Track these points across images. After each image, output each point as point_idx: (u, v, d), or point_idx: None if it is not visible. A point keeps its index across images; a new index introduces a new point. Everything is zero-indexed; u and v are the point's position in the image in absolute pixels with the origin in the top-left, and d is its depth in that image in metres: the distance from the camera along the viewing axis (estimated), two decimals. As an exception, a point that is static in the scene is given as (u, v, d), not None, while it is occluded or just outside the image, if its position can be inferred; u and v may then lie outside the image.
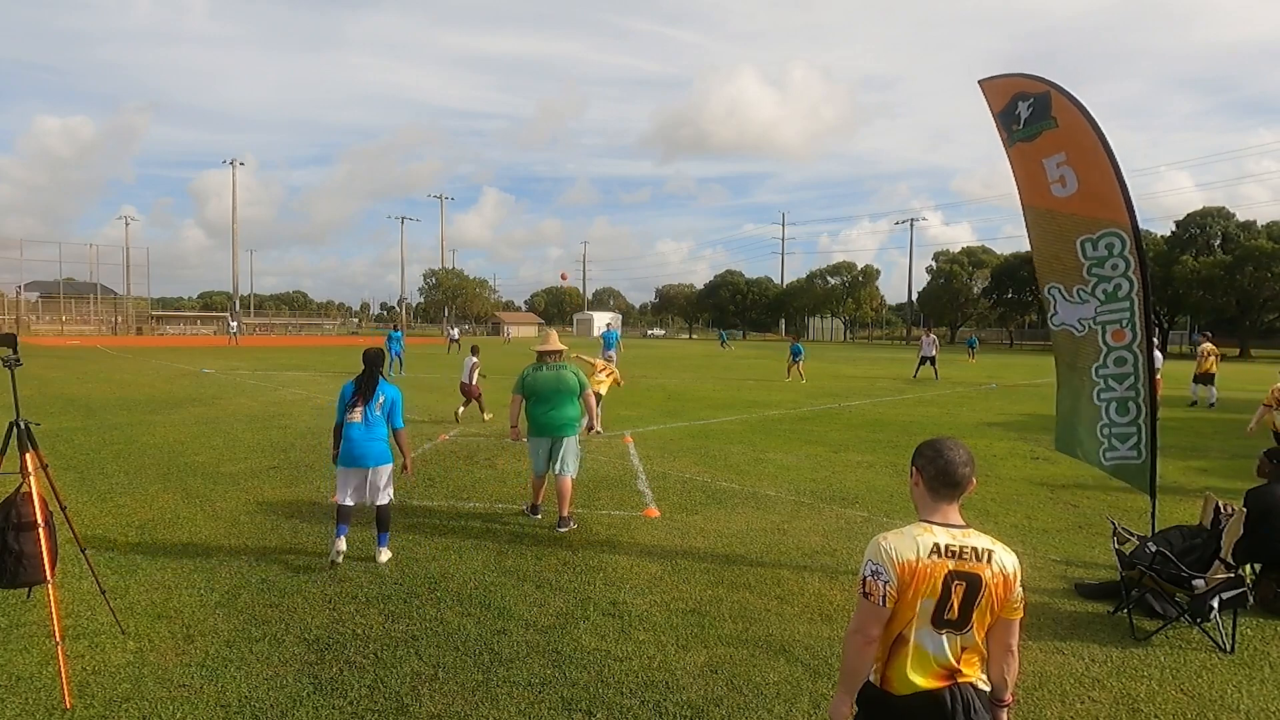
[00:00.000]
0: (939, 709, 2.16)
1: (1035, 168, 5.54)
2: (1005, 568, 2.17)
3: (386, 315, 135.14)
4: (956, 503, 2.25)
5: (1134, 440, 5.45)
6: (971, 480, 2.25)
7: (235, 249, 73.45)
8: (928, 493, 2.26)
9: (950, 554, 2.15)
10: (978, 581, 2.14)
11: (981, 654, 2.24)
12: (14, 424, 3.95)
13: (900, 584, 2.14)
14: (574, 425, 6.83)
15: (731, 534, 6.63)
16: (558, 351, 6.97)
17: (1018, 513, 7.59)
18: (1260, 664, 4.36)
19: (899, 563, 2.14)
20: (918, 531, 2.19)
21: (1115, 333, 5.41)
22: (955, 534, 2.19)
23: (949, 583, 2.14)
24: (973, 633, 2.19)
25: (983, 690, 2.24)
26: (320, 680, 3.91)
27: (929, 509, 2.26)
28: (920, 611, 2.16)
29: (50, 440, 9.85)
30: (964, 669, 2.20)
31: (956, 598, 2.14)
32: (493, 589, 5.20)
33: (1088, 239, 5.35)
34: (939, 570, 2.13)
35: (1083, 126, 5.25)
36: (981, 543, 2.19)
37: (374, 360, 5.95)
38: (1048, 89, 5.42)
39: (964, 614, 2.16)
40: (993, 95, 5.80)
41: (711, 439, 11.83)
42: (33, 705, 3.61)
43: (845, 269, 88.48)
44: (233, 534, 6.34)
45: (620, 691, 3.87)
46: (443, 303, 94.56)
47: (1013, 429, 13.57)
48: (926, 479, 2.25)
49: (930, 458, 2.24)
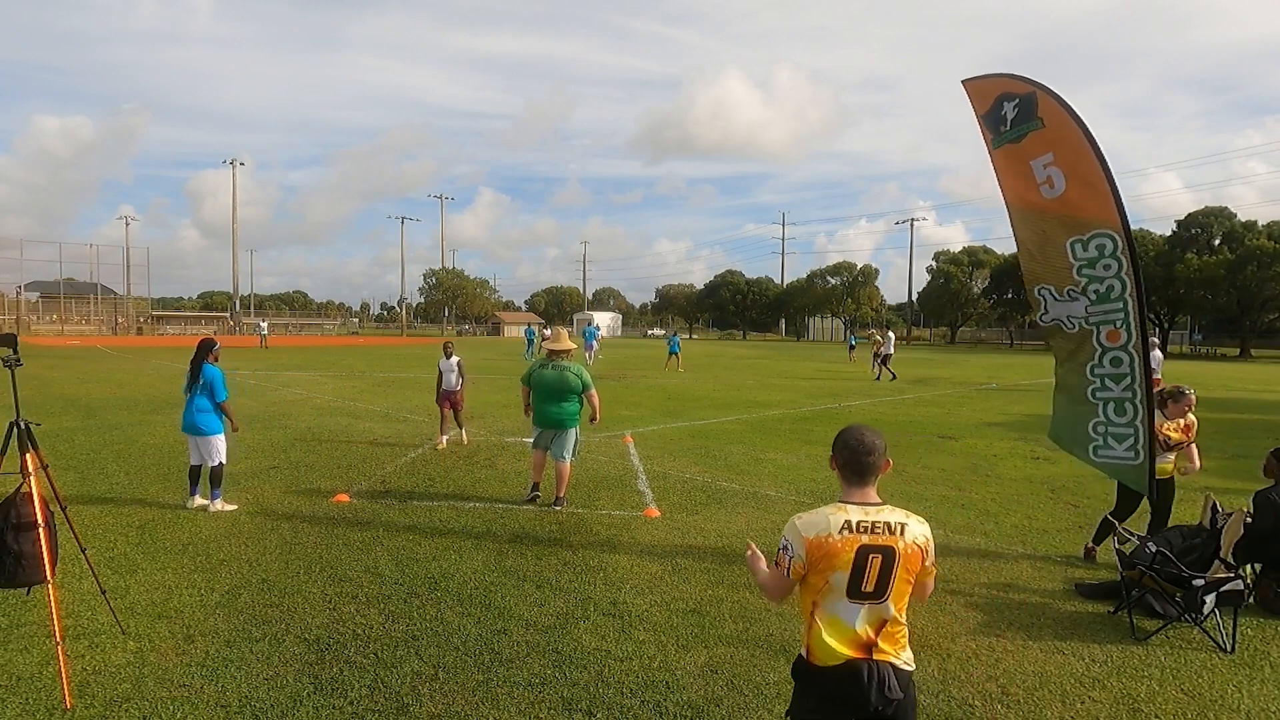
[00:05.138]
0: (856, 680, 2.32)
1: (1023, 169, 5.49)
2: (918, 538, 2.36)
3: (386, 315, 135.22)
4: (871, 484, 2.42)
5: (1131, 441, 5.44)
6: (881, 465, 2.41)
7: (235, 249, 73.56)
8: (842, 477, 2.45)
9: (862, 529, 2.32)
10: (892, 553, 2.32)
11: (900, 633, 2.39)
12: (14, 424, 3.95)
13: (809, 559, 2.34)
14: (574, 419, 7.35)
15: (731, 534, 6.63)
16: (566, 351, 7.45)
17: (1018, 513, 7.59)
18: (1260, 664, 4.36)
19: (808, 540, 2.34)
20: (831, 511, 2.37)
21: (1110, 333, 5.38)
22: (869, 511, 2.36)
23: (863, 556, 2.30)
24: (889, 604, 2.34)
25: (903, 670, 2.37)
26: (320, 680, 3.91)
27: (846, 491, 2.44)
28: (834, 584, 2.33)
29: (50, 440, 9.85)
30: (882, 644, 2.35)
31: (873, 570, 2.31)
32: (493, 589, 5.20)
33: (1078, 240, 5.31)
34: (850, 545, 2.31)
35: (1070, 127, 5.22)
36: (895, 517, 2.36)
37: (203, 348, 7.11)
38: (1033, 89, 5.38)
39: (881, 584, 2.32)
40: (977, 96, 5.74)
41: (711, 439, 11.83)
42: (33, 705, 3.61)
43: (845, 269, 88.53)
44: (233, 534, 6.34)
45: (620, 691, 3.87)
46: (443, 303, 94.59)
47: (1013, 429, 13.56)
48: (839, 465, 2.44)
49: (841, 447, 2.44)
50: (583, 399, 7.39)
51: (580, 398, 7.34)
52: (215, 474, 7.01)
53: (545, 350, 7.57)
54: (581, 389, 7.30)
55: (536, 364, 7.46)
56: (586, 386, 7.34)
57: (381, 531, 6.46)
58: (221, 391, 6.99)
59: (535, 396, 7.34)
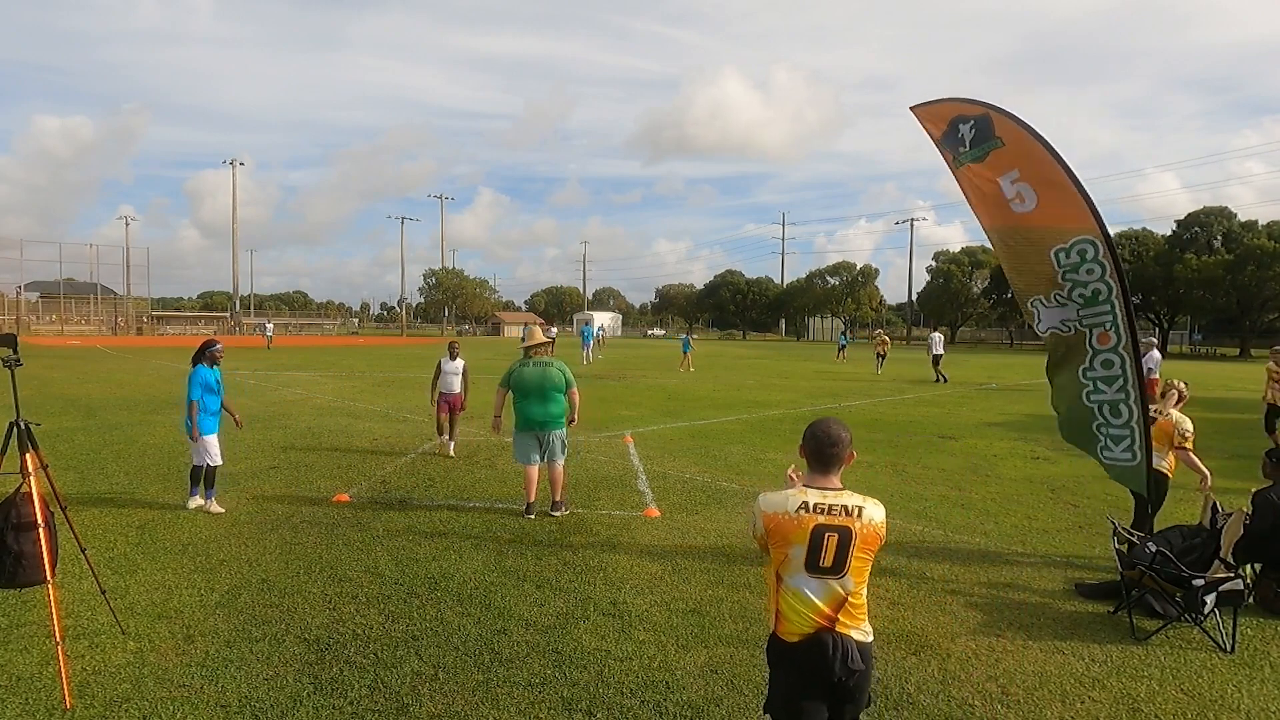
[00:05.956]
0: (821, 652, 2.54)
1: (992, 187, 5.47)
2: (874, 519, 2.58)
3: (386, 315, 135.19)
4: (834, 472, 2.65)
5: (1128, 442, 5.45)
6: (844, 456, 2.65)
7: (235, 249, 73.64)
8: (808, 464, 2.68)
9: (819, 510, 2.55)
10: (848, 533, 2.54)
11: (860, 608, 2.60)
12: (14, 424, 3.95)
13: (767, 530, 2.61)
14: (560, 420, 7.00)
15: (731, 534, 6.63)
16: (543, 345, 7.11)
17: (1018, 513, 7.59)
18: (1260, 664, 4.36)
19: (765, 514, 2.62)
20: (791, 492, 2.63)
21: (1100, 335, 5.40)
22: (828, 494, 2.59)
23: (819, 534, 2.53)
24: (849, 578, 2.56)
25: (863, 643, 2.59)
26: (320, 680, 3.91)
27: (810, 477, 2.67)
28: (792, 557, 2.57)
29: (50, 440, 9.85)
30: (842, 619, 2.56)
31: (829, 547, 2.53)
32: (493, 589, 5.20)
33: (1060, 248, 5.31)
34: (806, 523, 2.54)
35: (1028, 142, 5.22)
36: (852, 501, 2.58)
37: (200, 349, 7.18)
38: (985, 110, 5.39)
39: (838, 561, 2.54)
40: (929, 121, 5.71)
41: (711, 439, 11.83)
42: (33, 705, 3.61)
43: (845, 269, 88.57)
44: (233, 534, 6.34)
45: (620, 691, 3.87)
46: (443, 303, 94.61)
47: (1013, 429, 13.57)
48: (806, 454, 2.67)
49: (809, 438, 2.66)
50: (566, 397, 7.03)
51: (564, 396, 6.99)
52: (208, 475, 7.06)
53: (522, 348, 7.15)
54: (566, 386, 6.97)
55: (516, 364, 7.07)
56: (570, 383, 7.02)
57: (381, 531, 6.46)
58: (192, 391, 6.93)
59: (516, 398, 6.96)
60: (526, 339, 7.27)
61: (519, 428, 6.98)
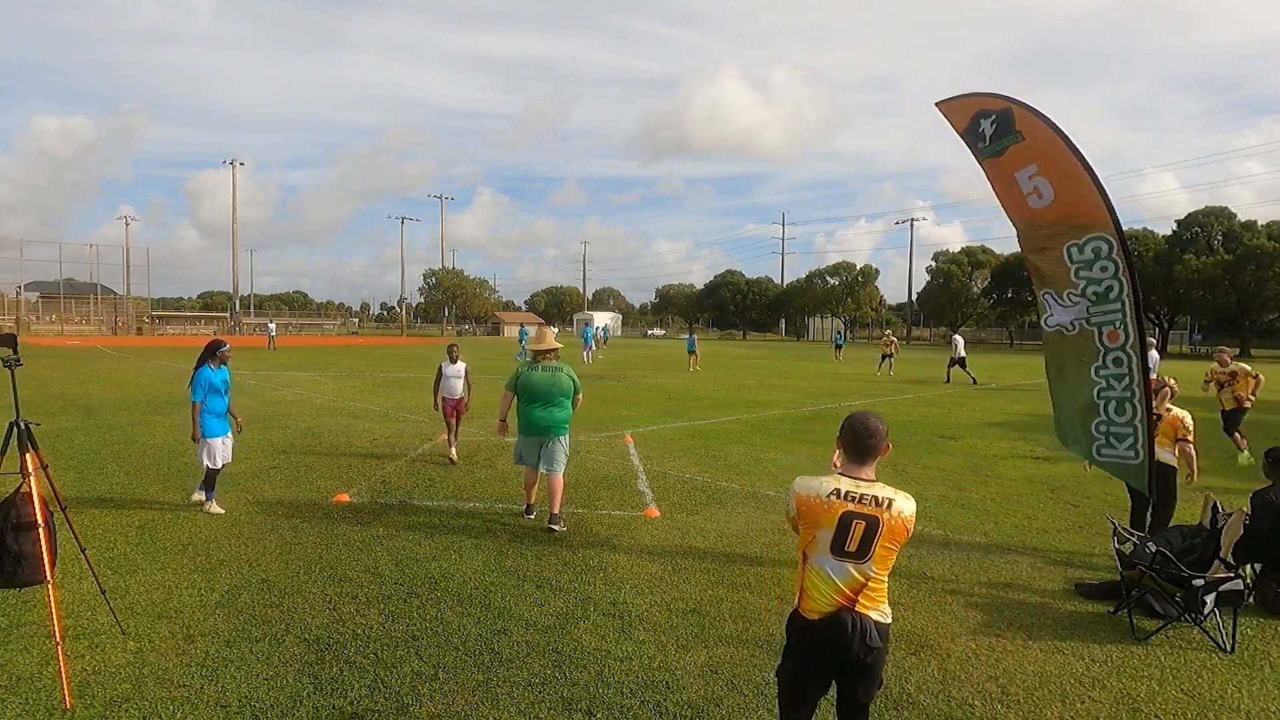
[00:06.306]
0: (840, 629, 2.66)
1: (1009, 182, 5.55)
2: (903, 512, 2.69)
3: (386, 315, 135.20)
4: (869, 463, 2.78)
5: (1131, 440, 5.46)
6: (880, 448, 2.78)
7: (235, 249, 73.58)
8: (844, 455, 2.81)
9: (850, 498, 2.68)
10: (876, 522, 2.65)
11: (880, 591, 2.72)
12: (14, 424, 3.95)
13: (799, 511, 2.77)
14: (564, 426, 6.81)
15: (731, 534, 6.63)
16: (553, 350, 6.93)
17: (1018, 513, 7.59)
18: (1260, 664, 4.36)
19: (799, 495, 2.77)
20: (826, 478, 2.77)
21: (1110, 333, 5.42)
22: (860, 484, 2.71)
23: (847, 520, 2.66)
24: (871, 564, 2.68)
25: (881, 623, 2.71)
26: (320, 680, 3.91)
27: (845, 466, 2.81)
28: (819, 539, 2.71)
29: (50, 440, 9.85)
30: (862, 600, 2.69)
31: (856, 533, 2.65)
32: (493, 589, 5.20)
33: (1074, 244, 5.37)
34: (836, 509, 2.67)
35: (1049, 137, 5.24)
36: (883, 493, 2.70)
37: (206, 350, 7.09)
38: (1008, 104, 5.41)
39: (864, 547, 2.66)
40: (953, 116, 5.78)
41: (711, 439, 11.83)
42: (33, 705, 3.61)
43: (845, 269, 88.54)
44: (233, 534, 6.34)
45: (620, 691, 3.87)
46: (443, 303, 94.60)
47: (1013, 429, 13.57)
48: (844, 444, 2.80)
49: (847, 428, 2.80)
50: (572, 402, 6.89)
51: (571, 401, 6.86)
52: (208, 475, 7.04)
53: (530, 351, 6.99)
54: (574, 391, 6.85)
55: (524, 367, 6.87)
56: (578, 389, 6.91)
57: (381, 531, 6.46)
58: (195, 393, 6.89)
59: (522, 402, 6.75)
60: (536, 342, 7.08)
61: (523, 431, 6.84)
